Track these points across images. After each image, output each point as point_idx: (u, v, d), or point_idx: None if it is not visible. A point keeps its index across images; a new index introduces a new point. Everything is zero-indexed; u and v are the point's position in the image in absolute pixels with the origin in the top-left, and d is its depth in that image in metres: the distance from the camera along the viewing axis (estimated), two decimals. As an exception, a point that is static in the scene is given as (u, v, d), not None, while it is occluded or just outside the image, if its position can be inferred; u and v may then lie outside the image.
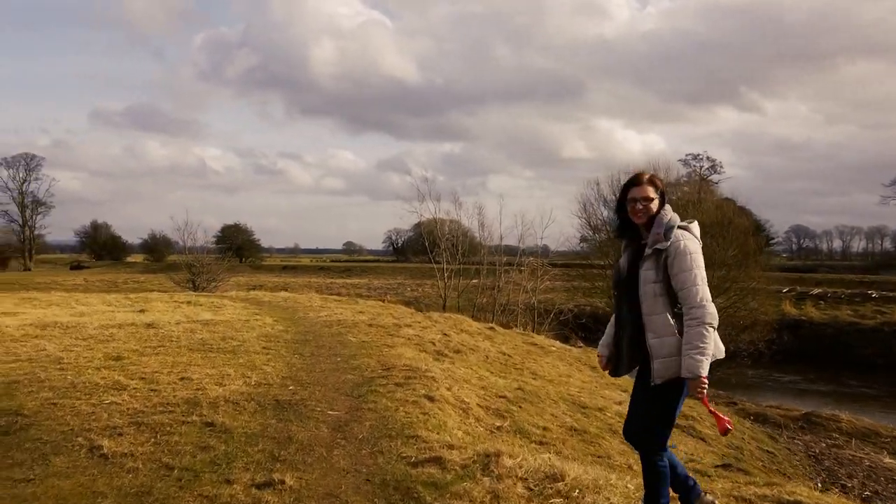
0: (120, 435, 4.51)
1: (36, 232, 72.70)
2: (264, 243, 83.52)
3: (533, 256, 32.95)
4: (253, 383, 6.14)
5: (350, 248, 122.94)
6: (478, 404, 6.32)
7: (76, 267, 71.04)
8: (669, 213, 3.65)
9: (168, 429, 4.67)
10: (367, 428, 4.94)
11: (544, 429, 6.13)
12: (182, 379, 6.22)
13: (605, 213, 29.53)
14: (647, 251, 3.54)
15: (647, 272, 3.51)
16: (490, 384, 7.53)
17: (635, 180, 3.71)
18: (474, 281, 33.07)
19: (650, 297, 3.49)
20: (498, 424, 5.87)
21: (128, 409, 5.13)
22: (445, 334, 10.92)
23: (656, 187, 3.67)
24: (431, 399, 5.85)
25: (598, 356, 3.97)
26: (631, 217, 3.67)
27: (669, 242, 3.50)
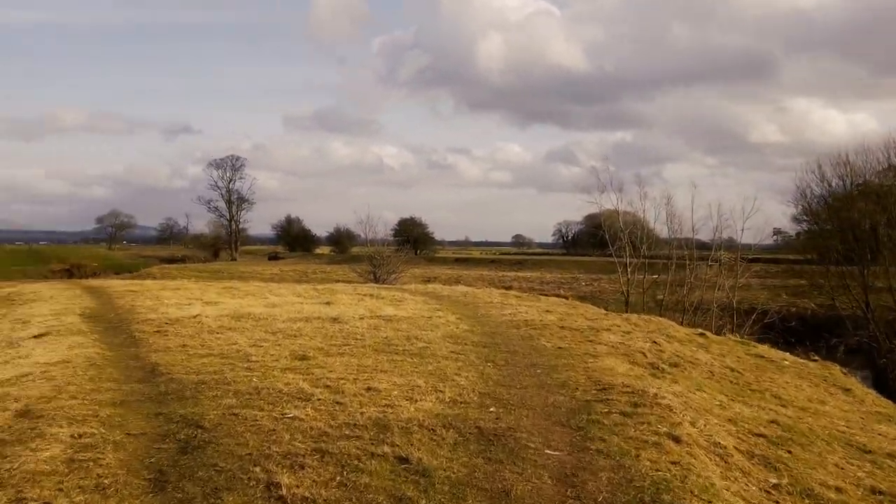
0: (301, 467, 3.71)
1: (240, 226, 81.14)
2: (437, 236, 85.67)
3: (724, 251, 29.43)
4: (447, 400, 5.16)
5: (519, 241, 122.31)
6: (735, 447, 4.76)
7: (273, 257, 78.19)
8: None
9: (355, 463, 3.79)
10: (605, 483, 3.67)
11: (837, 490, 4.43)
12: (368, 389, 5.43)
13: (829, 200, 25.20)
14: None
15: None
16: (736, 415, 5.88)
17: None
18: (656, 277, 30.32)
19: None
20: (773, 481, 4.29)
21: (310, 428, 4.37)
22: (655, 342, 9.30)
23: None
24: (677, 440, 4.43)
25: None
26: None
27: None
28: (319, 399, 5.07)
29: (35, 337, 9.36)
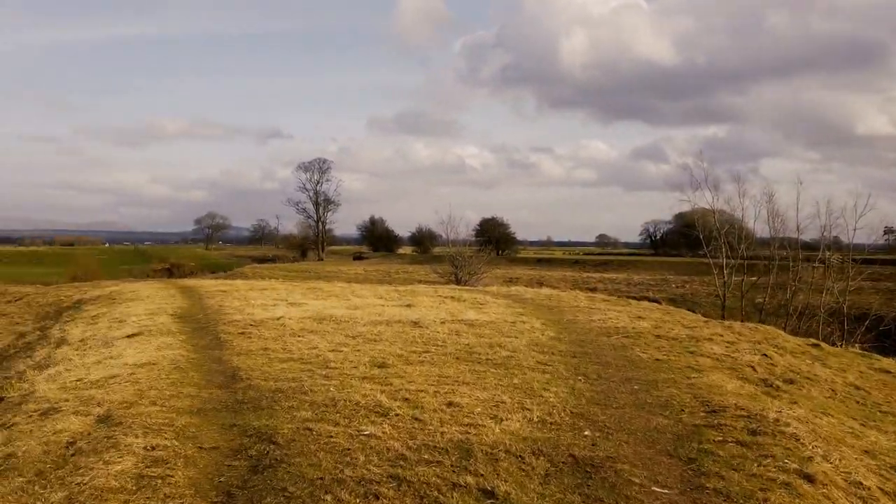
0: (376, 497, 3.36)
1: (327, 226, 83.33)
2: (518, 236, 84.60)
3: (832, 251, 27.14)
4: (535, 420, 4.68)
5: (603, 241, 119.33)
6: (879, 487, 4.02)
7: (357, 257, 79.78)
8: None
9: (435, 494, 3.40)
10: (730, 535, 3.10)
11: None
12: (450, 404, 5.04)
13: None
14: None
15: None
16: (872, 445, 5.06)
17: None
18: (755, 279, 28.37)
19: None
20: (934, 536, 3.54)
21: (387, 449, 4.02)
22: (765, 355, 8.40)
23: None
24: (810, 479, 3.76)
25: None
26: None
27: None
28: (398, 414, 4.73)
29: (128, 336, 9.64)
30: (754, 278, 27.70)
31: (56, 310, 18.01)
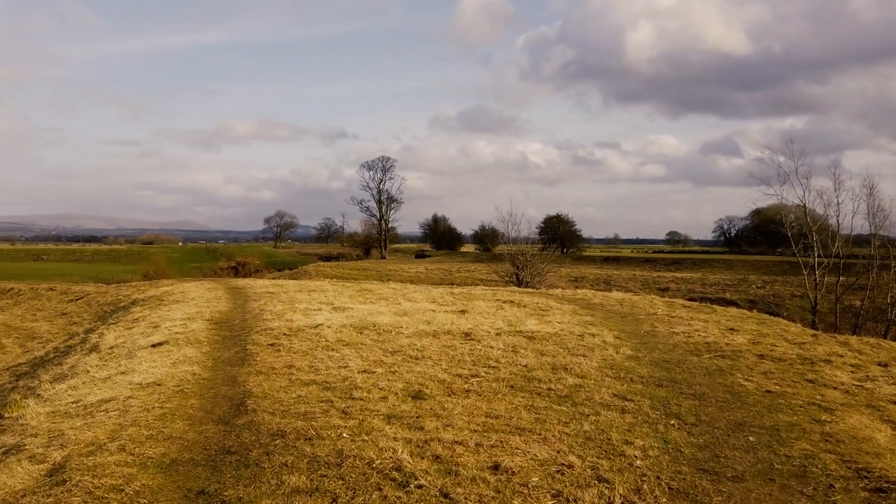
0: None
1: (389, 224, 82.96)
2: (584, 234, 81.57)
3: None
4: None
5: (674, 238, 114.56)
6: None
7: (420, 255, 79.05)
8: None
9: None
10: None
11: None
12: (495, 468, 3.67)
13: None
14: None
15: None
16: None
17: None
18: (854, 279, 25.52)
19: None
20: None
21: (396, 556, 2.69)
22: (907, 385, 6.59)
23: None
24: None
25: None
26: None
27: None
28: (421, 486, 3.40)
29: (153, 346, 8.77)
30: (853, 279, 24.89)
31: (112, 309, 17.70)
